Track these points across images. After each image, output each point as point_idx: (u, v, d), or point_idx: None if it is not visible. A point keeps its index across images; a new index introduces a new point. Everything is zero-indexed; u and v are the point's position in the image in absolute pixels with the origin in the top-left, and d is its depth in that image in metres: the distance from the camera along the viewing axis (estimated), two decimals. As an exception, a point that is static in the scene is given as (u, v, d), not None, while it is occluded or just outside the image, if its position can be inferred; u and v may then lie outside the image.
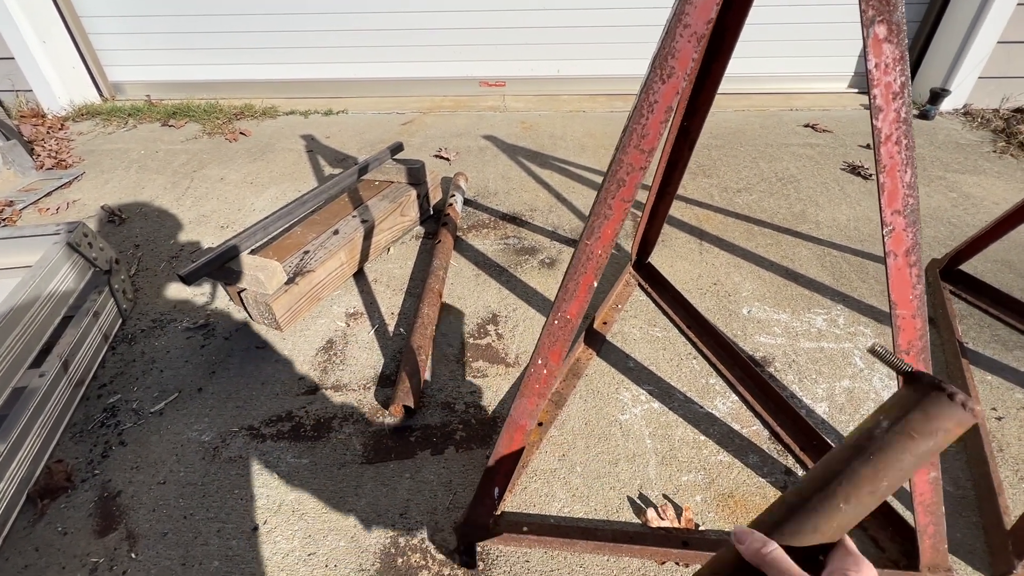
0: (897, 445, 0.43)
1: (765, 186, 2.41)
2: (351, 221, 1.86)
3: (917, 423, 0.43)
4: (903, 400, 0.44)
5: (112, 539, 1.13)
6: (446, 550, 1.11)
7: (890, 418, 0.44)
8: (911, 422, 0.43)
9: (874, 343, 0.48)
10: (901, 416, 0.43)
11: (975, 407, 0.41)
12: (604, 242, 0.84)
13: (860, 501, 0.44)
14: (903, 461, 0.43)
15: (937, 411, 0.42)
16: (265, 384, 1.48)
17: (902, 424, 0.43)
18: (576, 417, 1.37)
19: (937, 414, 0.42)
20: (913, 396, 0.44)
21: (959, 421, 0.42)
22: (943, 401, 0.42)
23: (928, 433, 0.43)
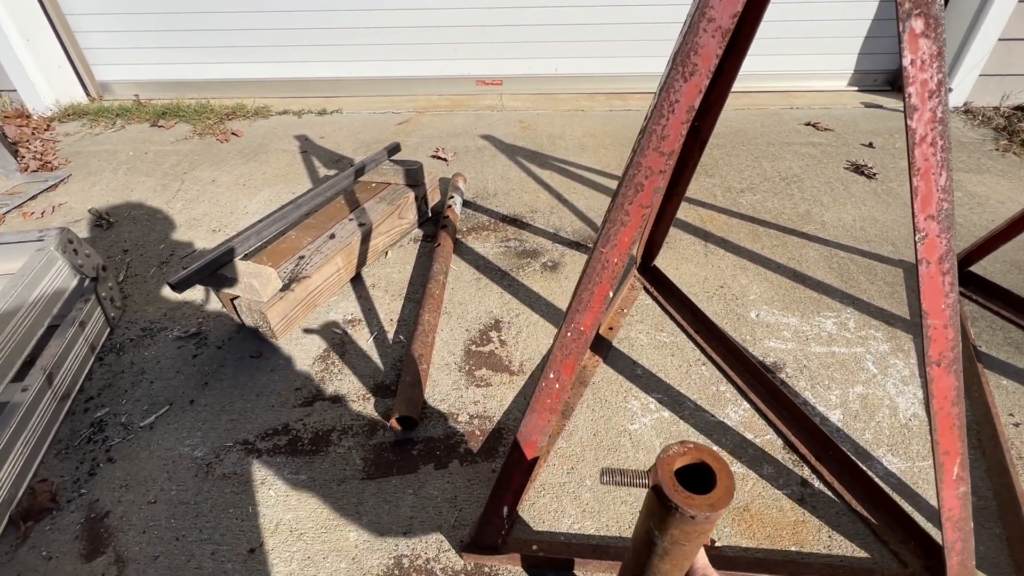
0: (676, 550, 0.54)
1: (768, 186, 2.37)
2: (348, 224, 1.81)
3: (679, 537, 0.52)
4: (661, 515, 0.52)
5: (100, 563, 1.08)
6: (452, 571, 1.06)
7: (661, 532, 0.53)
8: (673, 537, 0.52)
9: (602, 470, 0.55)
10: (665, 531, 0.52)
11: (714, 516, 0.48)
12: (621, 250, 0.80)
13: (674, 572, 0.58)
14: (687, 550, 0.54)
15: (691, 527, 0.50)
16: (260, 395, 1.42)
17: (672, 538, 0.52)
18: (584, 428, 1.33)
19: (691, 530, 0.50)
20: (664, 515, 0.51)
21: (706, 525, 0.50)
22: (687, 521, 0.49)
23: (691, 539, 0.52)
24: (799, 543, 1.10)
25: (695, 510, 0.47)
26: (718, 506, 0.47)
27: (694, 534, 0.51)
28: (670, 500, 0.48)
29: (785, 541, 1.10)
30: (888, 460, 1.25)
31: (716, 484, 0.49)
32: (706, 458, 0.50)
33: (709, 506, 0.47)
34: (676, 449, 0.51)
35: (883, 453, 1.26)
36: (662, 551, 0.55)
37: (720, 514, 0.48)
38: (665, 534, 0.53)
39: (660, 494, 0.49)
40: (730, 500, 0.48)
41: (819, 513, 1.15)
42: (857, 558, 1.07)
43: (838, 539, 1.10)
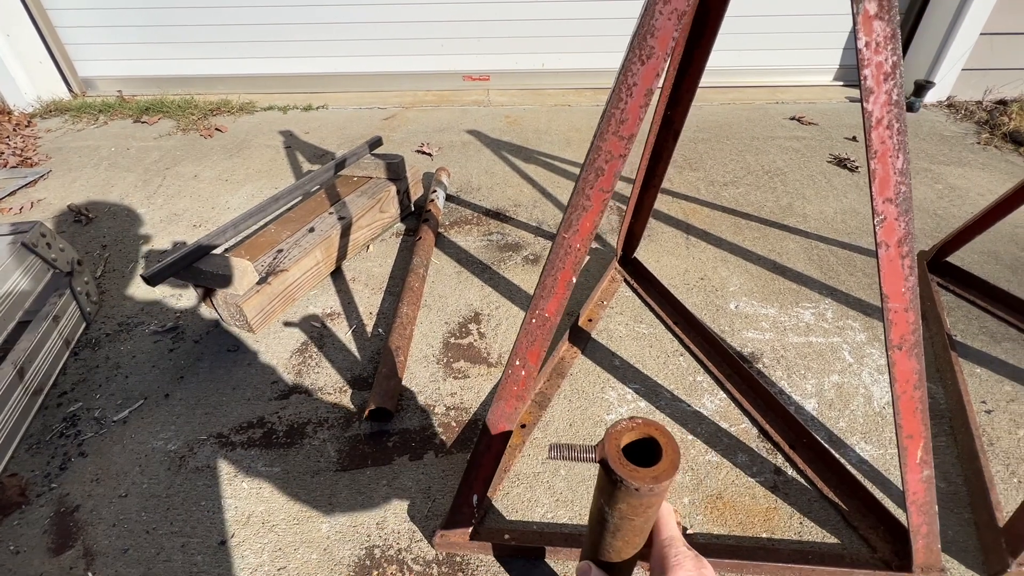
0: (626, 525, 0.54)
1: (752, 179, 2.38)
2: (328, 218, 1.80)
3: (627, 511, 0.52)
4: (609, 490, 0.52)
5: (68, 557, 1.07)
6: (423, 561, 1.05)
7: (610, 507, 0.53)
8: (622, 511, 0.52)
9: (551, 445, 0.55)
10: (614, 506, 0.52)
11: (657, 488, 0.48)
12: (583, 235, 0.80)
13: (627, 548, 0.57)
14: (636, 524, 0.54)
15: (636, 500, 0.50)
16: (236, 389, 1.42)
17: (621, 512, 0.52)
18: (560, 418, 1.33)
19: (637, 503, 0.50)
20: (612, 489, 0.51)
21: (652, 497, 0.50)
22: (632, 494, 0.49)
23: (639, 513, 0.52)
24: (770, 530, 1.10)
25: (639, 482, 0.47)
26: (662, 478, 0.47)
27: (641, 508, 0.51)
28: (615, 473, 0.48)
29: (757, 528, 1.11)
30: (861, 447, 1.26)
31: (661, 457, 0.49)
32: (653, 432, 0.50)
33: (653, 478, 0.47)
34: (624, 424, 0.51)
35: (856, 440, 1.27)
36: (613, 527, 0.55)
37: (665, 487, 0.48)
38: (614, 510, 0.53)
39: (606, 468, 0.49)
40: (674, 473, 0.48)
41: (791, 500, 1.15)
42: (827, 544, 1.07)
43: (809, 525, 1.11)
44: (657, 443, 0.50)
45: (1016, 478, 1.18)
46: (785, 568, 1.01)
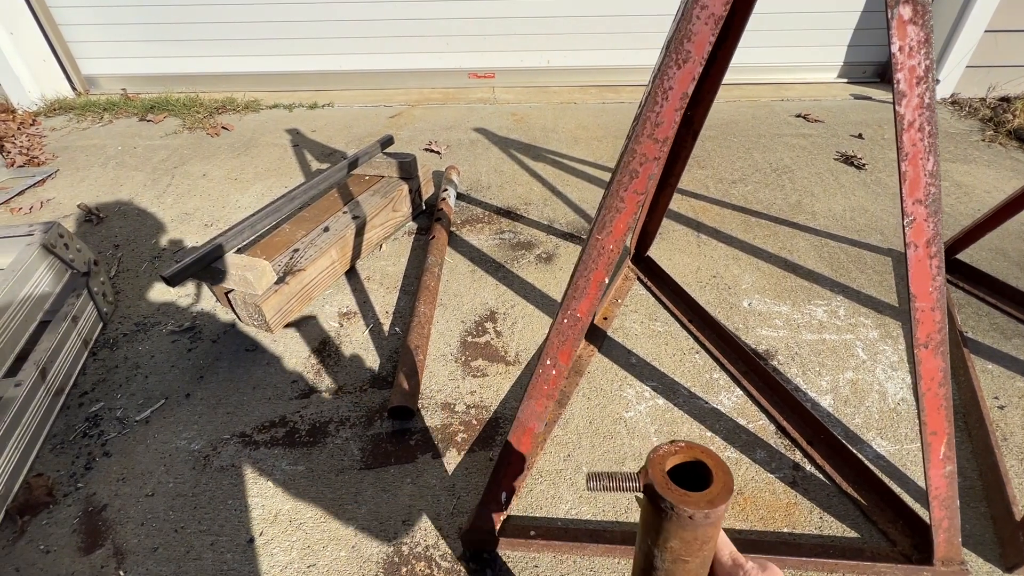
0: (680, 570, 0.47)
1: (760, 177, 2.39)
2: (342, 217, 1.80)
3: (679, 550, 0.45)
4: (656, 524, 0.45)
5: (99, 556, 1.08)
6: (451, 557, 1.07)
7: (659, 547, 0.46)
8: (674, 551, 0.46)
9: (588, 475, 0.49)
10: (664, 544, 0.46)
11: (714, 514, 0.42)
12: (616, 236, 0.81)
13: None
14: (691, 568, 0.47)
15: (689, 534, 0.44)
16: (256, 388, 1.42)
17: (673, 553, 0.46)
18: (580, 416, 1.34)
19: (691, 537, 0.44)
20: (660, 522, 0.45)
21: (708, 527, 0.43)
22: (685, 523, 0.43)
23: (694, 552, 0.45)
24: (791, 525, 1.12)
25: (692, 508, 0.42)
26: (717, 502, 0.42)
27: (696, 543, 0.44)
28: (663, 499, 0.42)
29: (778, 523, 1.12)
30: (877, 443, 1.27)
31: (713, 480, 0.43)
32: (700, 455, 0.45)
33: (707, 502, 0.42)
34: (667, 448, 0.46)
35: (873, 436, 1.29)
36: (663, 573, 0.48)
37: (721, 512, 0.43)
38: (665, 549, 0.46)
39: (652, 494, 0.44)
40: (729, 496, 0.43)
41: (810, 495, 1.17)
42: (848, 538, 1.09)
43: (829, 520, 1.13)
44: (705, 465, 0.45)
45: (1030, 472, 1.21)
46: (808, 562, 1.03)
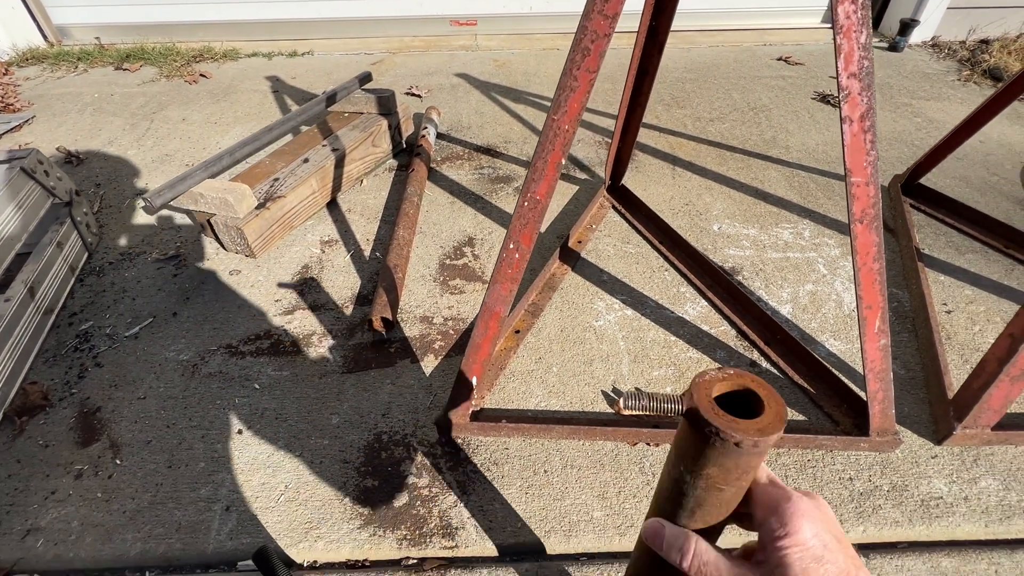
0: (713, 497, 0.43)
1: (737, 115, 2.42)
2: (321, 150, 1.82)
3: (717, 478, 0.42)
4: (695, 450, 0.41)
5: (95, 448, 1.14)
6: (428, 443, 1.15)
7: (694, 472, 0.42)
8: (711, 478, 0.42)
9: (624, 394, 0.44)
10: (701, 470, 0.42)
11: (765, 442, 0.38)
12: (571, 116, 0.85)
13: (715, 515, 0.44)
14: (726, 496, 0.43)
15: (732, 463, 0.40)
16: (241, 307, 1.48)
17: (709, 480, 0.42)
18: (552, 325, 1.41)
19: (733, 465, 0.40)
20: (700, 447, 0.41)
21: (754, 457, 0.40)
22: (730, 450, 0.39)
23: (732, 480, 0.41)
24: (745, 411, 1.20)
25: (741, 435, 0.37)
26: (768, 431, 0.37)
27: (737, 472, 0.41)
28: (710, 425, 0.38)
29: (732, 410, 1.21)
30: (831, 344, 1.36)
31: (764, 409, 0.39)
32: (749, 384, 0.41)
33: (758, 431, 0.37)
34: (713, 374, 0.41)
35: (827, 338, 1.37)
36: (695, 501, 0.44)
37: (770, 443, 0.38)
38: (700, 475, 0.42)
39: (696, 418, 0.39)
40: (782, 427, 0.38)
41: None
42: (796, 420, 1.18)
43: (780, 407, 1.21)
44: (756, 394, 0.40)
45: (969, 365, 1.29)
46: (756, 438, 1.11)
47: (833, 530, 0.39)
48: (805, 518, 0.39)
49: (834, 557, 0.38)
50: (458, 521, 1.02)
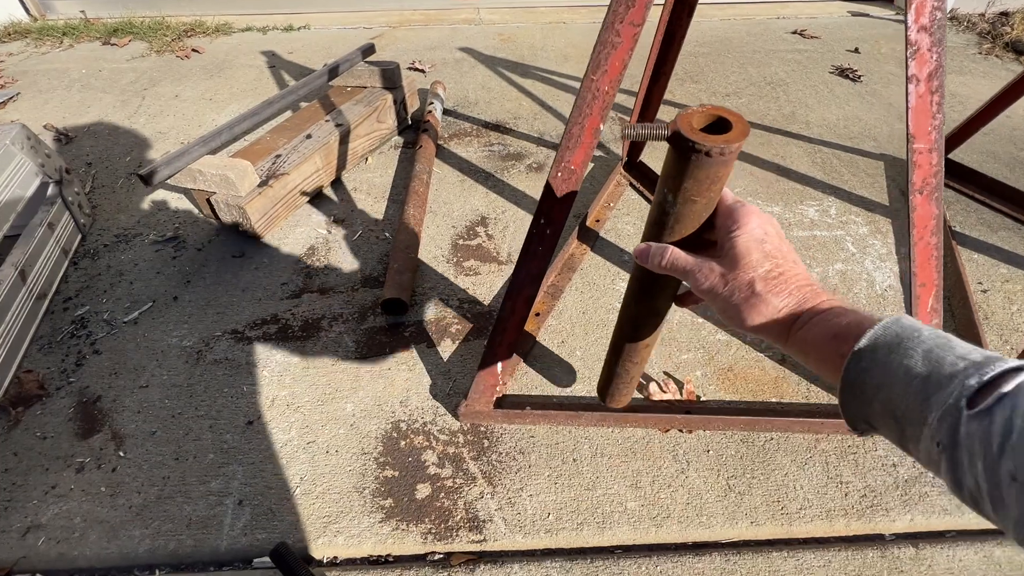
0: (688, 209, 0.51)
1: (754, 90, 2.33)
2: (324, 126, 1.73)
3: (691, 190, 0.50)
4: (677, 167, 0.49)
5: (97, 440, 1.08)
6: (448, 431, 1.09)
7: (675, 189, 0.51)
8: (686, 191, 0.50)
9: (624, 128, 0.52)
10: (680, 184, 0.50)
11: (728, 149, 0.46)
12: (611, 76, 0.77)
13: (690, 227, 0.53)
14: (699, 208, 0.51)
15: (704, 173, 0.48)
16: (246, 290, 1.40)
17: (686, 193, 0.50)
18: (573, 307, 1.35)
19: (704, 175, 0.48)
20: (680, 164, 0.49)
21: (722, 167, 0.48)
22: (702, 161, 0.47)
23: (703, 191, 0.50)
24: (779, 395, 1.15)
25: (711, 143, 0.46)
26: (733, 140, 0.46)
27: (707, 182, 0.49)
28: (688, 140, 0.46)
29: (767, 395, 1.16)
30: (864, 325, 1.30)
31: (732, 127, 0.47)
32: (722, 113, 0.49)
33: (724, 140, 0.46)
34: (693, 109, 0.50)
35: (860, 319, 1.31)
36: (675, 217, 0.53)
37: (735, 151, 0.47)
38: (678, 191, 0.50)
39: (678, 139, 0.47)
40: (743, 139, 0.47)
41: (798, 370, 1.20)
42: (833, 404, 1.13)
43: (815, 391, 1.16)
44: (726, 120, 0.48)
45: (1009, 346, 1.24)
46: (795, 423, 1.06)
47: (775, 227, 0.50)
48: (752, 215, 0.49)
49: (772, 239, 0.48)
50: (485, 513, 0.97)
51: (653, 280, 0.61)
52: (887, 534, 0.96)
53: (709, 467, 1.03)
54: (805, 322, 0.45)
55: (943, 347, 0.35)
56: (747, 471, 1.03)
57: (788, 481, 1.01)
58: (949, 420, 0.32)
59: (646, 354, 0.76)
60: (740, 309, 0.47)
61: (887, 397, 0.37)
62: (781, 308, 0.46)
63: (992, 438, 0.30)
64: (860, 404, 0.39)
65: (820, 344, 0.43)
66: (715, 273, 0.48)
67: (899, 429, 0.36)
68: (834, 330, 0.42)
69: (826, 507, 0.97)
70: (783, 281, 0.46)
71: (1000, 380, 0.31)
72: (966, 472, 0.31)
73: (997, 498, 0.30)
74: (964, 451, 0.31)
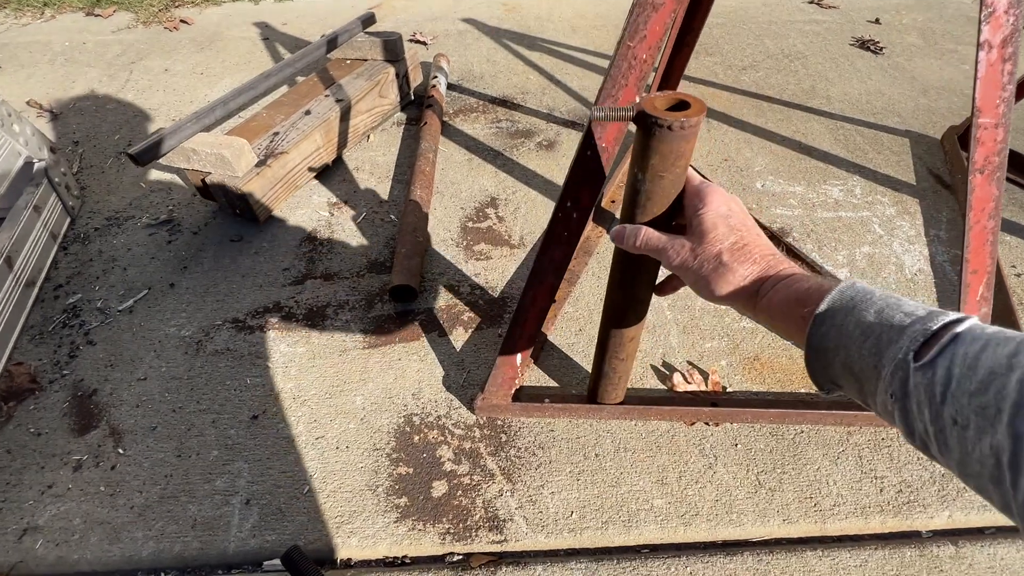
0: (658, 186, 0.57)
1: (771, 63, 2.23)
2: (324, 101, 1.64)
3: (658, 167, 0.55)
4: (642, 145, 0.55)
5: (94, 436, 1.03)
6: (464, 425, 1.04)
7: (643, 167, 0.56)
8: (654, 168, 0.55)
9: (593, 109, 0.55)
10: (647, 162, 0.55)
11: (688, 123, 0.51)
12: (651, 43, 0.70)
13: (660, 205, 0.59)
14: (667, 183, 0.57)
15: (667, 147, 0.53)
16: (246, 276, 1.34)
17: (653, 170, 0.56)
18: (590, 293, 1.29)
19: (668, 150, 0.54)
20: (646, 141, 0.54)
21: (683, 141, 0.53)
22: (665, 135, 0.52)
23: (669, 166, 0.55)
24: (808, 387, 1.10)
25: (671, 118, 0.51)
26: (692, 114, 0.52)
27: (671, 157, 0.54)
28: (651, 116, 0.52)
29: (795, 386, 1.11)
30: (894, 311, 1.24)
31: (691, 107, 0.53)
32: (682, 96, 0.54)
33: (684, 116, 0.51)
34: (656, 94, 0.55)
35: (889, 305, 1.26)
36: (646, 194, 0.58)
37: (695, 125, 0.52)
38: (647, 170, 0.56)
39: (643, 116, 0.53)
40: (701, 116, 0.52)
41: (828, 359, 1.15)
42: (865, 395, 1.08)
43: (846, 381, 1.11)
44: (686, 102, 0.54)
45: (1045, 333, 1.19)
46: (826, 415, 1.01)
47: (739, 204, 0.54)
48: (717, 193, 0.54)
49: (736, 215, 0.52)
50: (505, 512, 0.92)
51: (632, 264, 0.68)
52: (924, 531, 0.92)
53: (738, 462, 0.99)
54: (770, 288, 0.47)
55: (893, 306, 0.38)
56: (777, 466, 0.98)
57: (821, 476, 0.97)
58: (900, 373, 0.34)
59: (632, 348, 0.80)
60: (709, 279, 0.51)
61: (846, 356, 0.39)
62: (747, 276, 0.49)
63: (935, 387, 0.32)
64: (824, 365, 0.42)
65: (784, 308, 0.46)
66: (685, 248, 0.53)
67: (859, 385, 0.39)
68: (796, 294, 0.45)
69: (861, 503, 0.93)
70: (748, 251, 0.50)
71: (942, 332, 0.34)
72: (916, 419, 0.34)
73: (942, 441, 0.32)
74: (913, 400, 0.33)
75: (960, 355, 0.32)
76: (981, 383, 0.30)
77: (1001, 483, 0.29)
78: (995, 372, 0.29)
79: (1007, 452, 0.28)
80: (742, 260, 0.49)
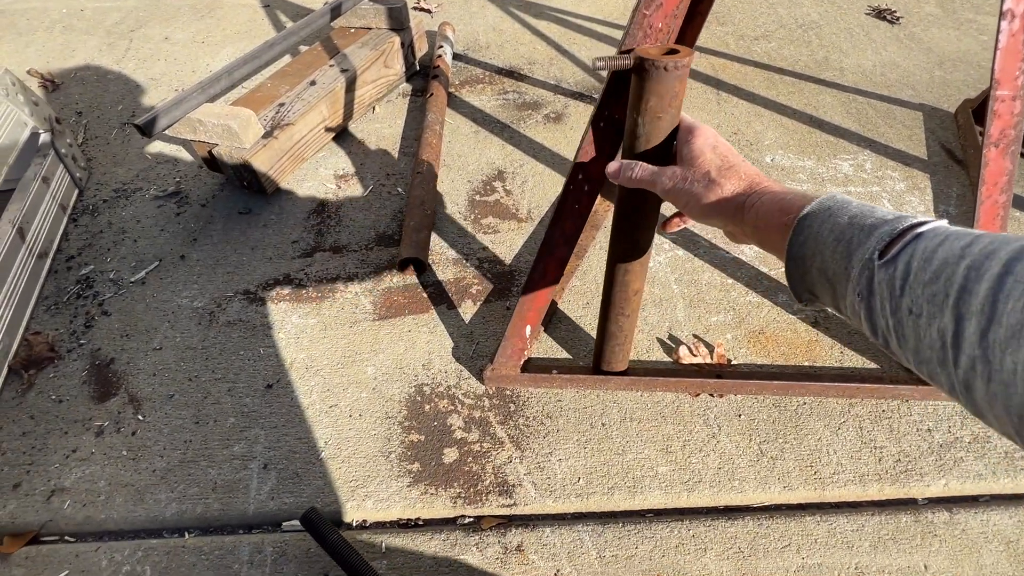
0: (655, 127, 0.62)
1: (784, 33, 2.18)
2: (329, 71, 1.62)
3: (655, 108, 0.61)
4: (639, 91, 0.61)
5: (114, 403, 1.06)
6: (473, 395, 1.06)
7: (639, 114, 0.62)
8: (652, 110, 0.61)
9: (594, 59, 0.60)
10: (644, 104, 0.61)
11: (681, 63, 0.57)
12: (667, 11, 0.68)
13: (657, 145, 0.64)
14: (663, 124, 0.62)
15: (664, 87, 0.59)
16: (255, 249, 1.35)
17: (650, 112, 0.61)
18: (598, 267, 1.30)
19: (664, 90, 0.59)
20: (644, 84, 0.60)
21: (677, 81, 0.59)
22: (662, 76, 0.58)
23: (665, 107, 0.60)
24: (812, 359, 1.12)
25: (665, 60, 0.57)
26: (682, 56, 0.58)
27: (667, 97, 0.59)
28: (647, 60, 0.57)
29: (800, 359, 1.13)
30: (900, 286, 1.25)
31: (680, 52, 0.59)
32: (673, 46, 0.61)
33: (677, 57, 0.58)
34: (649, 44, 0.62)
35: (895, 280, 1.27)
36: (644, 136, 0.63)
37: (686, 66, 0.58)
38: (645, 113, 0.61)
39: (641, 62, 0.59)
40: (691, 58, 0.59)
41: (832, 333, 1.16)
42: (868, 368, 1.10)
43: (849, 354, 1.13)
44: (676, 50, 0.60)
45: (1050, 308, 1.20)
46: (828, 387, 1.03)
47: (724, 140, 0.58)
48: (704, 128, 0.59)
49: (722, 146, 0.57)
50: (514, 478, 0.95)
51: (634, 208, 0.74)
52: (920, 499, 0.95)
53: (741, 432, 1.01)
54: (757, 199, 0.50)
55: (866, 212, 0.39)
56: (779, 436, 1.01)
57: (821, 446, 0.99)
58: (866, 273, 0.35)
59: (636, 302, 0.86)
60: (699, 195, 0.55)
61: (821, 262, 0.40)
62: (734, 190, 0.53)
63: (895, 281, 0.33)
64: (801, 273, 0.43)
65: (768, 217, 0.47)
66: (677, 174, 0.58)
67: (832, 290, 0.40)
68: (780, 204, 0.47)
69: (859, 472, 0.96)
70: (735, 171, 0.54)
71: (906, 232, 0.35)
72: (879, 316, 0.35)
73: (900, 333, 0.33)
74: (877, 297, 0.34)
75: (920, 250, 0.32)
76: (934, 273, 0.31)
77: (946, 364, 0.30)
78: (947, 262, 0.30)
79: (950, 333, 0.29)
80: (729, 177, 0.53)
